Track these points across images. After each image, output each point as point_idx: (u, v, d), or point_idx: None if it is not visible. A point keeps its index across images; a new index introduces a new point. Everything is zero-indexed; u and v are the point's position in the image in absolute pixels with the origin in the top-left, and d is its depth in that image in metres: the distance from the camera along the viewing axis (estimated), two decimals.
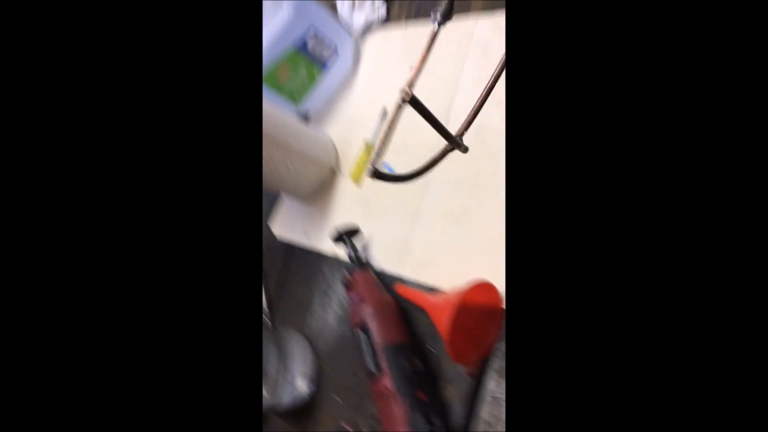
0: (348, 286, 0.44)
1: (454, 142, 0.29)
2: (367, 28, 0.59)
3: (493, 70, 0.29)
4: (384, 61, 0.57)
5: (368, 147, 0.53)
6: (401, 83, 0.27)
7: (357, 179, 0.53)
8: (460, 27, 0.50)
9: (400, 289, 0.43)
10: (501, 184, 0.42)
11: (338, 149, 0.57)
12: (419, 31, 0.55)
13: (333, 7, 0.62)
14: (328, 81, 0.58)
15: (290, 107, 0.57)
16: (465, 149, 0.30)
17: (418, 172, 0.29)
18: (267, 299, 0.56)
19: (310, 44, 0.53)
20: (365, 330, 0.39)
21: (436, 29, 0.28)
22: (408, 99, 0.26)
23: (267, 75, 0.52)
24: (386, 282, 0.45)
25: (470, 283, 0.35)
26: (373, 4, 0.58)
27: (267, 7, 0.52)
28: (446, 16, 0.28)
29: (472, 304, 0.36)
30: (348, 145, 0.56)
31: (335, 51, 0.56)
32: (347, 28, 0.58)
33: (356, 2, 0.59)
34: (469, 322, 0.36)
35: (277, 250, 0.58)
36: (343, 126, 0.58)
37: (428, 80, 0.51)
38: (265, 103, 0.48)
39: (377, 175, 0.26)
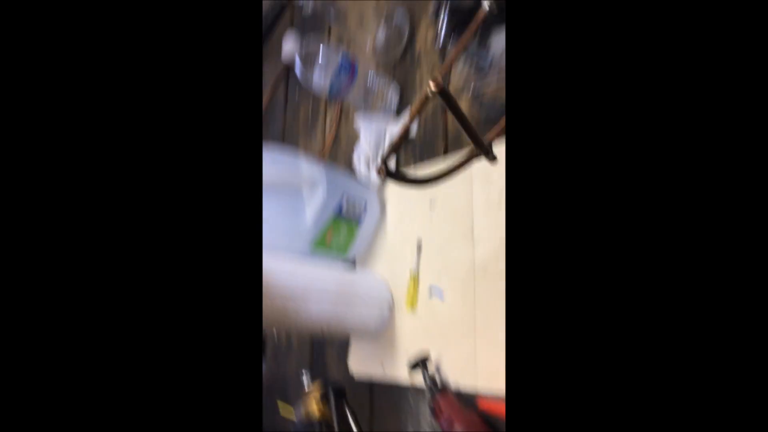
0: (435, 412, 0.48)
1: (482, 148, 0.25)
2: (383, 183, 0.71)
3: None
4: (405, 201, 0.68)
5: (413, 277, 0.61)
6: (423, 218, 0.26)
7: (412, 307, 0.60)
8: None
9: (483, 404, 0.47)
10: None
11: (390, 285, 0.65)
12: (429, 168, 0.66)
13: (350, 167, 0.75)
14: (365, 230, 0.68)
15: (340, 260, 0.67)
16: (494, 158, 0.26)
17: (440, 176, 0.24)
18: None
19: (345, 208, 0.64)
20: None
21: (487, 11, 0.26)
22: (438, 90, 0.22)
23: (316, 242, 0.63)
24: (468, 400, 0.50)
25: None
26: None
27: (305, 190, 0.64)
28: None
29: None
30: (396, 279, 0.64)
31: (365, 206, 0.67)
32: (368, 183, 0.70)
33: (370, 160, 0.71)
34: None
35: (361, 390, 0.64)
36: (387, 264, 0.67)
37: (442, 213, 0.61)
38: (321, 269, 0.58)
39: (389, 173, 0.23)
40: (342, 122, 0.84)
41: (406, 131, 0.24)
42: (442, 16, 0.62)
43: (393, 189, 0.70)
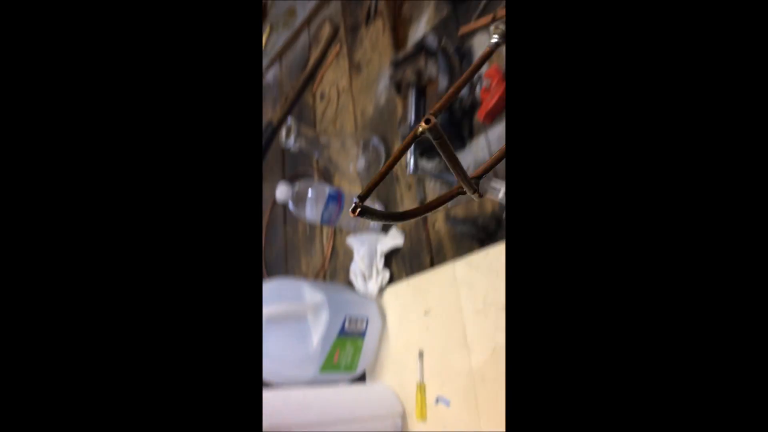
0: None
1: (469, 184, 0.26)
2: (380, 290, 0.77)
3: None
4: (402, 310, 0.73)
5: (420, 387, 0.65)
6: (421, 325, 0.27)
7: (422, 417, 0.63)
8: (444, 272, 0.67)
9: None
10: None
11: (399, 395, 0.68)
12: (418, 281, 0.72)
13: (348, 283, 0.82)
14: (368, 343, 0.73)
15: (349, 376, 0.72)
16: (480, 196, 0.27)
17: (419, 211, 0.25)
18: None
19: (348, 326, 0.70)
20: None
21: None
22: (431, 125, 0.23)
23: (324, 363, 0.68)
24: None
25: None
26: (379, 274, 0.77)
27: (310, 316, 0.70)
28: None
29: None
30: (404, 388, 0.68)
31: (367, 321, 0.73)
32: (366, 296, 0.76)
33: (366, 275, 0.78)
34: None
35: None
36: (393, 373, 0.71)
37: (437, 321, 0.66)
38: (332, 391, 0.63)
39: (363, 210, 0.23)
40: (337, 237, 0.92)
41: (387, 168, 0.25)
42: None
43: (390, 298, 0.76)
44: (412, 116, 0.69)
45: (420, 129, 0.23)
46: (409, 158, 0.71)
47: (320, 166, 1.00)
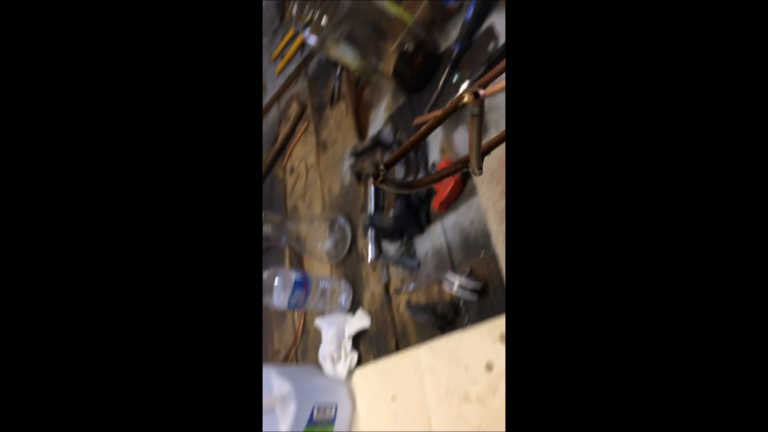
0: None
1: (478, 161, 0.26)
2: (349, 372, 0.78)
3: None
4: (371, 395, 0.74)
5: None
6: (388, 411, 0.27)
7: None
8: (408, 357, 0.69)
9: None
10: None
11: None
12: (385, 364, 0.73)
13: (316, 363, 0.83)
14: (338, 426, 0.73)
15: None
16: (481, 173, 0.26)
17: (429, 180, 0.27)
18: None
19: (317, 416, 0.70)
20: None
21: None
22: (479, 99, 0.23)
23: None
24: None
25: None
26: (347, 356, 0.78)
27: (278, 407, 0.70)
28: None
29: None
30: None
31: (335, 407, 0.73)
32: (336, 379, 0.77)
33: (334, 357, 0.79)
34: None
35: None
36: None
37: (404, 407, 0.67)
38: None
39: (384, 179, 0.24)
40: (307, 316, 0.93)
41: (422, 136, 0.25)
42: (369, 233, 0.75)
43: (359, 381, 0.77)
44: (371, 205, 0.73)
45: (465, 98, 0.22)
46: (370, 244, 0.75)
47: (290, 250, 1.02)
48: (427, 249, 0.73)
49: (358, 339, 0.80)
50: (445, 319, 0.65)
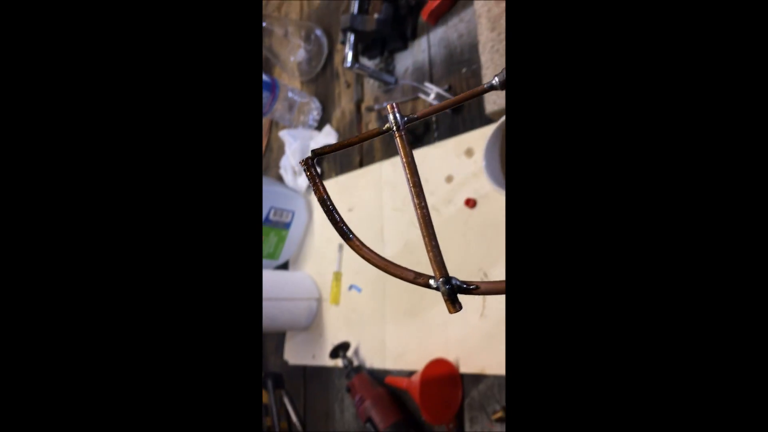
0: (350, 390, 0.57)
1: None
2: (309, 186, 0.78)
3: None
4: None
5: (336, 275, 0.69)
6: (345, 215, 0.29)
7: (335, 301, 0.68)
8: (371, 172, 0.69)
9: (389, 380, 0.57)
10: None
11: (317, 282, 0.73)
12: (346, 179, 0.73)
13: (279, 177, 0.82)
14: (293, 234, 0.75)
15: (271, 263, 0.75)
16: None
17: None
18: (299, 419, 0.68)
19: (273, 216, 0.71)
20: (371, 421, 0.53)
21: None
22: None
23: None
24: (378, 377, 0.59)
25: (428, 362, 0.49)
26: None
27: None
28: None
29: (433, 377, 0.50)
30: (323, 276, 0.72)
31: (293, 213, 0.74)
32: (296, 190, 0.77)
33: (296, 171, 0.78)
34: (435, 390, 0.50)
35: (296, 376, 0.72)
36: (315, 263, 0.75)
37: (359, 217, 0.69)
38: None
39: (316, 153, 0.24)
40: (272, 132, 0.90)
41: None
42: (348, 37, 0.69)
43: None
44: (355, 6, 0.66)
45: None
46: (347, 51, 0.69)
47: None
48: (407, 66, 0.68)
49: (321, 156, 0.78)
50: (413, 134, 0.64)
